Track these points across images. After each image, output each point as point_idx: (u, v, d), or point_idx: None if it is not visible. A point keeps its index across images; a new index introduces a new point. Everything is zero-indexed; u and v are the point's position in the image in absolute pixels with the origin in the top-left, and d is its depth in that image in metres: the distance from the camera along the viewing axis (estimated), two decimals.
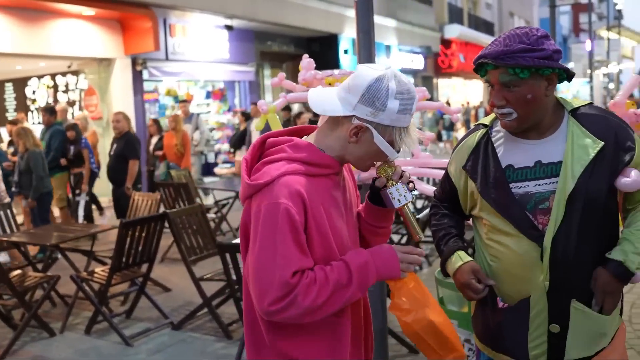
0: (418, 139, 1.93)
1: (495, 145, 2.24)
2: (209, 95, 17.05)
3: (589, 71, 31.88)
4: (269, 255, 1.79)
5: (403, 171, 2.01)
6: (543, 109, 2.12)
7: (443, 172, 4.41)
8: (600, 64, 34.90)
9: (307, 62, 4.07)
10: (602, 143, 2.08)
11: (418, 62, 25.77)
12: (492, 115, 2.32)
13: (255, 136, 11.20)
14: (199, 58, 15.10)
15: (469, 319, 3.61)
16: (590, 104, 2.24)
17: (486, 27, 34.96)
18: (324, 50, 18.70)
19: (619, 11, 60.39)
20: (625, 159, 2.10)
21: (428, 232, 2.83)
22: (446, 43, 28.66)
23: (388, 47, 23.26)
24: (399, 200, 1.98)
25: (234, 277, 4.98)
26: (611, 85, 49.29)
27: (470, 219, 2.41)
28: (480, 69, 2.14)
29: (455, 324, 3.64)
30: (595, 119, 2.14)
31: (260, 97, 18.08)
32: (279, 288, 1.77)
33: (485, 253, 2.28)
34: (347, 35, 19.28)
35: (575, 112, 2.17)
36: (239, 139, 13.00)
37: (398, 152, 1.93)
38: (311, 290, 1.80)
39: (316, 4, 17.80)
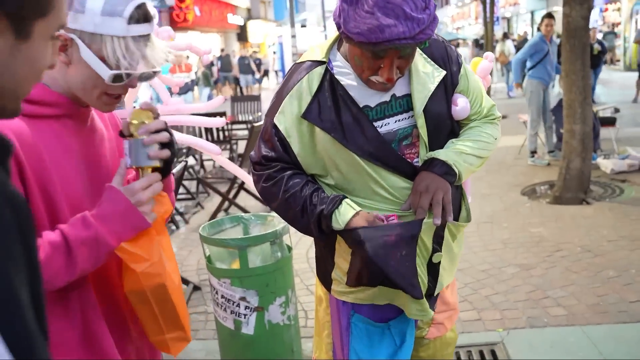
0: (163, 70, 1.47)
1: (343, 84, 1.89)
2: None
3: (321, 22, 33.65)
4: None
5: (158, 131, 1.52)
6: None
7: (199, 118, 4.08)
8: (330, 14, 37.43)
9: None
10: (444, 72, 1.94)
11: None
12: (324, 47, 1.95)
13: None
14: None
15: (241, 276, 3.43)
16: None
17: None
18: None
19: None
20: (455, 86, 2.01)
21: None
22: None
23: None
24: (130, 159, 1.53)
25: None
26: None
27: None
28: (376, 47, 1.70)
29: (228, 282, 3.44)
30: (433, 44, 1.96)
31: None
32: None
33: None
34: None
35: None
36: None
37: (113, 69, 1.45)
38: None
39: None
